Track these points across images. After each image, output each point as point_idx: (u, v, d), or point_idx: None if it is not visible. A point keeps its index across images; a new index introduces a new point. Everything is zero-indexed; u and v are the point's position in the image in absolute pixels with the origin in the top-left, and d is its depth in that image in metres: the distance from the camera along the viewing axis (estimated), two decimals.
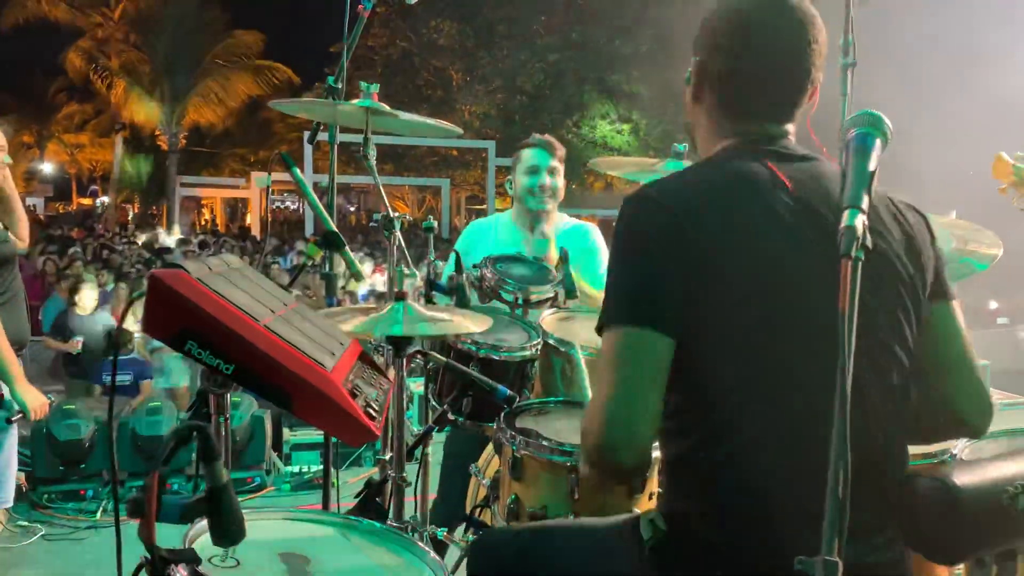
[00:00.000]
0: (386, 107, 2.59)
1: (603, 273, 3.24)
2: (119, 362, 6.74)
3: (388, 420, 2.27)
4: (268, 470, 5.76)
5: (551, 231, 3.34)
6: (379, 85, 2.62)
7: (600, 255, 3.34)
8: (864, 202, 1.16)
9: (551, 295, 2.88)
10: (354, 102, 2.58)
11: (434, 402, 2.63)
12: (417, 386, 5.38)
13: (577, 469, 1.97)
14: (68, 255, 12.31)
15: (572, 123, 19.95)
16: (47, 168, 33.82)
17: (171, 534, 1.28)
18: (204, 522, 1.24)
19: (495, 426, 2.21)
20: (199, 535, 1.38)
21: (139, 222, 28.80)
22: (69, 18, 25.33)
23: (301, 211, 26.95)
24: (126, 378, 6.83)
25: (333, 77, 2.71)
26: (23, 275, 3.63)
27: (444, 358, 2.45)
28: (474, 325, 2.24)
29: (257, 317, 1.32)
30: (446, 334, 2.45)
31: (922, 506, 1.38)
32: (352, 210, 35.16)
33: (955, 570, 1.92)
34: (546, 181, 3.28)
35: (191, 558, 1.18)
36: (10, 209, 3.44)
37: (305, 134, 3.14)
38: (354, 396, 1.38)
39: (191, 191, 29.87)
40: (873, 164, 1.21)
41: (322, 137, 2.99)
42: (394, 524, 2.08)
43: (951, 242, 2.34)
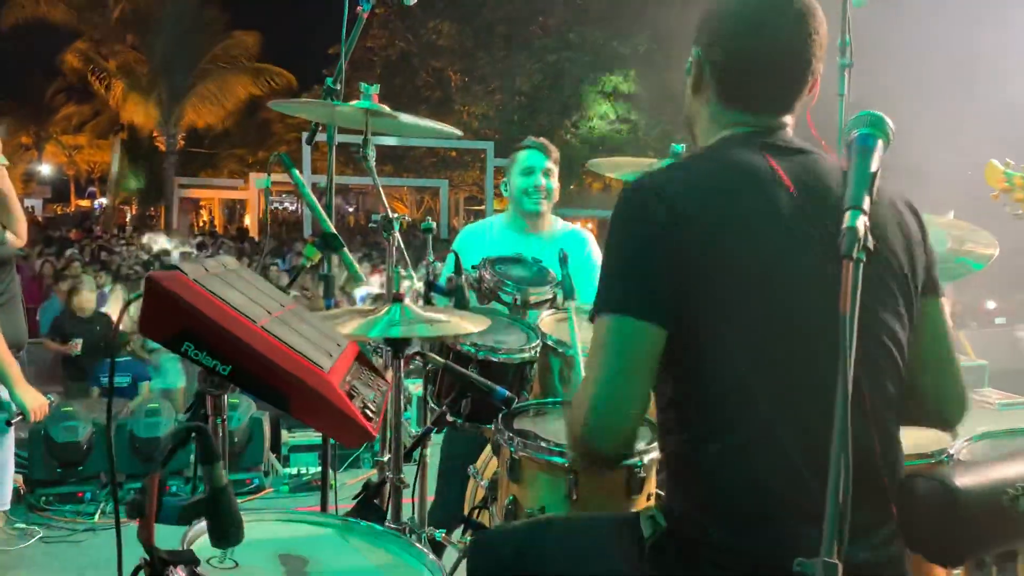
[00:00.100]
0: (386, 108, 2.59)
1: (593, 277, 3.26)
2: (118, 364, 6.72)
3: (386, 422, 2.27)
4: (266, 472, 5.75)
5: (548, 234, 3.36)
6: (379, 86, 2.62)
7: (596, 266, 3.35)
8: (866, 203, 1.16)
9: (550, 296, 2.89)
10: (354, 103, 2.58)
11: (432, 403, 2.62)
12: (416, 387, 5.38)
13: (576, 470, 1.97)
14: (65, 257, 12.30)
15: (570, 123, 19.95)
16: (45, 170, 33.77)
17: (170, 535, 1.27)
18: (203, 523, 1.24)
19: (493, 427, 2.21)
20: (198, 536, 1.38)
21: (137, 224, 28.78)
22: (67, 19, 25.29)
23: (300, 212, 26.94)
24: (124, 380, 6.80)
25: (332, 78, 2.71)
26: (20, 277, 3.63)
27: (443, 359, 2.45)
28: (472, 327, 2.24)
29: (254, 318, 1.32)
30: (444, 335, 2.44)
31: (922, 507, 1.38)
32: (351, 211, 35.14)
33: (954, 572, 1.92)
34: (541, 182, 3.30)
35: (190, 559, 1.18)
36: (8, 209, 3.44)
37: (304, 135, 3.13)
38: (351, 397, 1.38)
39: (189, 192, 29.87)
40: (875, 165, 1.22)
41: (321, 138, 2.99)
42: (392, 526, 2.08)
43: (947, 242, 2.35)
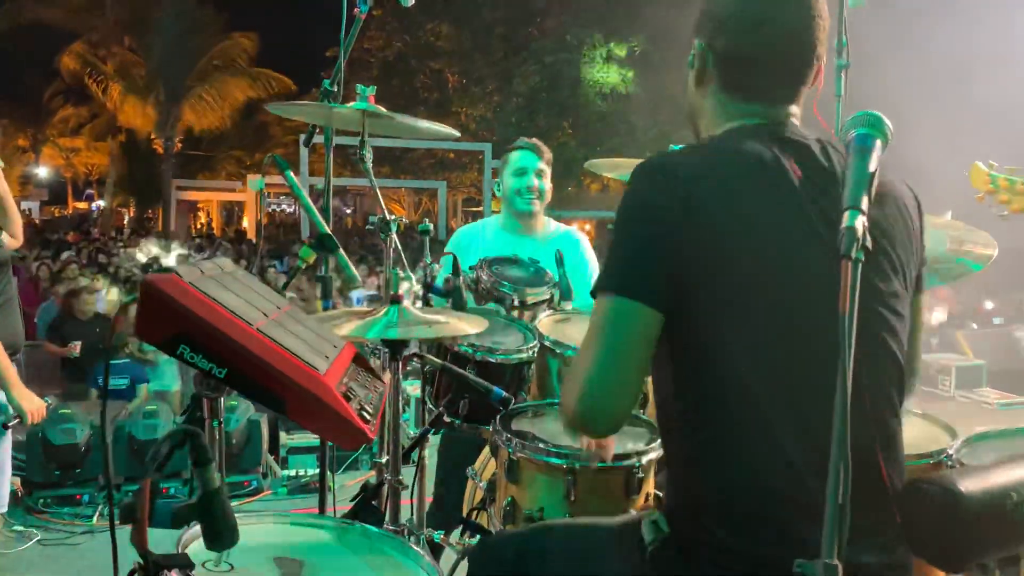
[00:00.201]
0: (382, 110, 2.58)
1: (589, 280, 3.27)
2: (116, 366, 6.70)
3: (384, 423, 2.27)
4: (265, 474, 5.74)
5: (542, 235, 3.36)
6: (375, 88, 2.61)
7: (590, 265, 3.37)
8: (864, 203, 1.15)
9: (547, 297, 2.88)
10: (350, 105, 2.57)
11: (431, 405, 2.62)
12: (414, 389, 5.37)
13: (574, 471, 1.97)
14: (61, 259, 12.28)
15: (568, 125, 19.94)
16: (42, 172, 33.72)
17: (167, 538, 1.27)
18: (198, 527, 1.23)
19: (491, 428, 2.20)
20: (193, 540, 1.37)
21: (135, 226, 28.75)
22: (64, 21, 25.26)
23: (297, 214, 26.92)
24: (122, 382, 6.77)
25: (329, 80, 2.70)
26: (17, 280, 3.62)
27: (440, 361, 2.44)
28: (470, 328, 2.23)
29: (250, 321, 1.31)
30: (442, 337, 2.44)
31: (926, 511, 1.37)
32: (348, 213, 35.12)
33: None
34: (533, 183, 3.32)
35: (184, 563, 1.18)
36: (3, 210, 3.43)
37: (301, 137, 3.12)
38: (348, 399, 1.37)
39: (187, 195, 29.83)
40: (873, 165, 1.21)
41: (318, 140, 2.98)
42: (390, 528, 2.08)
43: (946, 242, 2.34)
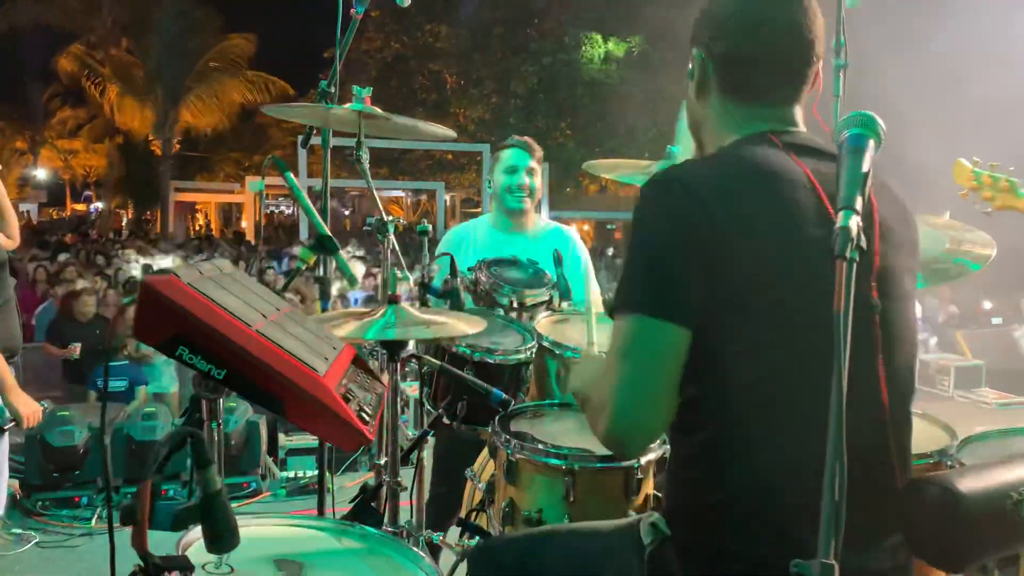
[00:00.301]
0: (379, 111, 2.58)
1: (583, 276, 3.29)
2: (114, 368, 6.70)
3: (383, 424, 2.27)
4: (264, 475, 5.74)
5: (532, 233, 3.38)
6: (372, 89, 2.61)
7: (582, 261, 3.39)
8: (858, 203, 1.16)
9: (546, 298, 2.88)
10: (347, 106, 2.57)
11: (429, 406, 2.62)
12: (412, 390, 5.36)
13: (573, 472, 1.97)
14: (58, 261, 12.27)
15: (566, 125, 19.95)
16: (40, 174, 33.71)
17: (166, 541, 1.27)
18: (198, 529, 1.23)
19: (490, 430, 2.20)
20: (193, 542, 1.37)
21: (133, 228, 28.71)
22: (62, 23, 25.26)
23: (296, 216, 26.91)
24: (121, 384, 6.76)
25: (326, 81, 2.70)
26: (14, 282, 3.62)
27: (438, 362, 2.44)
28: (468, 328, 2.23)
29: (249, 322, 1.31)
30: (440, 337, 2.44)
31: (926, 512, 1.37)
32: (347, 214, 35.09)
33: None
34: (524, 181, 3.33)
35: (184, 565, 1.18)
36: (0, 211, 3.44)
37: (300, 138, 3.12)
38: (347, 400, 1.37)
39: (185, 196, 29.80)
40: (867, 165, 1.20)
41: (316, 141, 2.98)
42: (389, 529, 2.08)
43: (945, 243, 2.34)
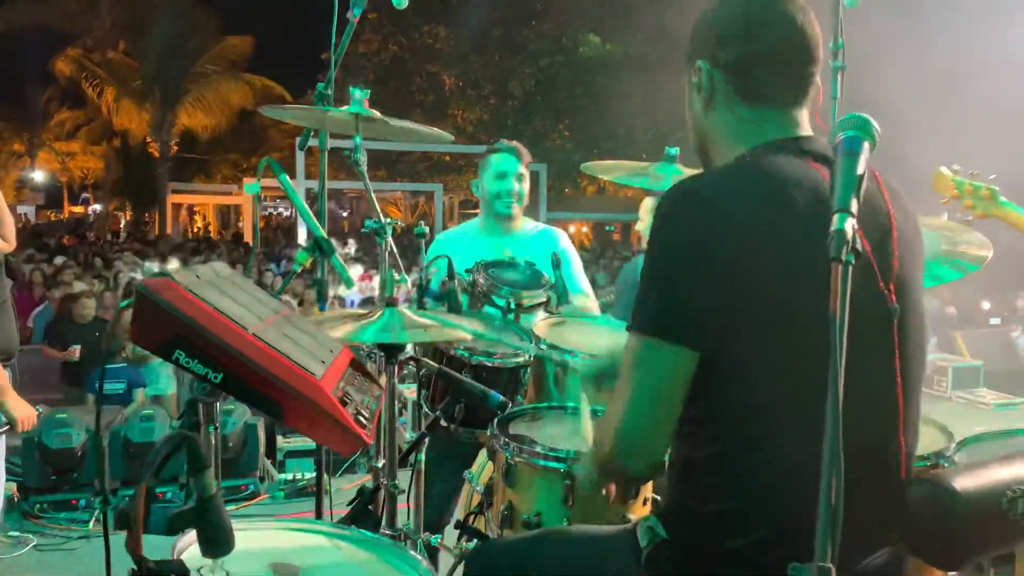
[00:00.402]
0: (376, 113, 2.58)
1: (576, 276, 3.30)
2: (112, 371, 6.69)
3: (381, 427, 2.26)
4: (262, 477, 5.73)
5: (520, 234, 3.42)
6: (370, 91, 2.61)
7: (572, 262, 3.39)
8: (853, 206, 1.15)
9: (543, 300, 2.88)
10: (344, 109, 2.57)
11: (427, 408, 2.62)
12: (411, 392, 5.36)
13: (571, 474, 1.96)
14: (54, 264, 12.27)
15: (564, 127, 19.94)
16: (38, 176, 33.70)
17: (163, 545, 1.26)
18: (193, 533, 1.23)
19: (488, 433, 2.20)
20: (189, 546, 1.37)
21: (131, 229, 28.71)
22: (60, 25, 25.24)
23: (294, 218, 26.89)
24: (119, 386, 6.76)
25: (323, 83, 2.70)
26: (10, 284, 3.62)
27: (436, 364, 2.44)
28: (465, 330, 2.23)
29: (246, 325, 1.31)
30: (436, 340, 2.44)
31: (922, 511, 1.37)
32: (345, 216, 35.06)
33: (950, 575, 1.91)
34: (514, 187, 3.34)
35: (179, 570, 1.17)
36: None
37: (298, 140, 3.13)
38: (344, 404, 1.37)
39: (183, 198, 29.79)
40: (862, 168, 1.19)
41: (314, 143, 2.98)
42: (387, 532, 2.07)
43: (941, 244, 2.34)
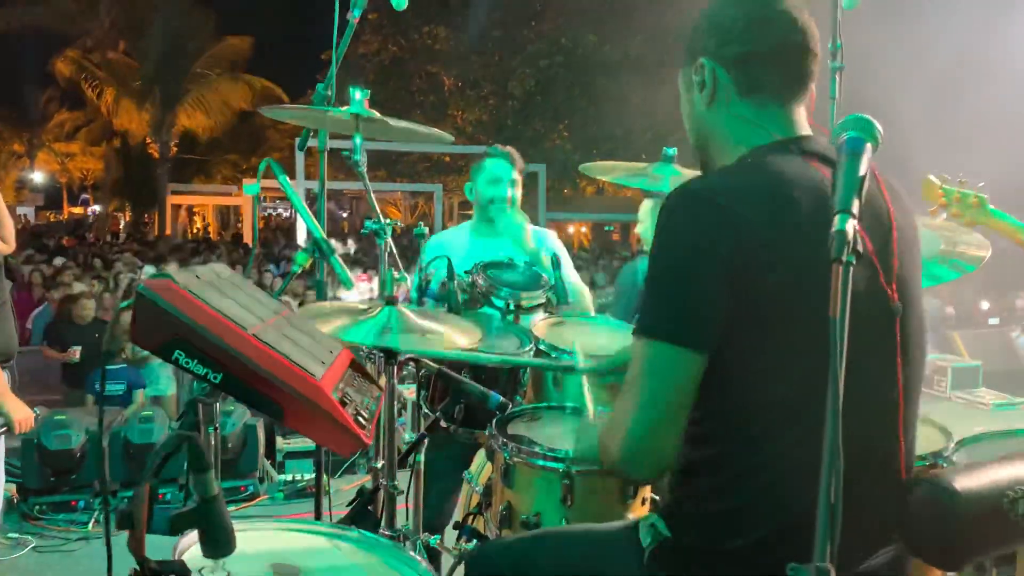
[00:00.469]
0: (376, 114, 2.58)
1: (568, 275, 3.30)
2: (113, 372, 6.69)
3: (380, 428, 2.27)
4: (261, 478, 5.74)
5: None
6: (370, 92, 2.61)
7: (562, 263, 3.38)
8: (855, 207, 1.15)
9: (542, 301, 2.88)
10: (344, 109, 2.57)
11: (426, 409, 2.62)
12: (410, 392, 5.36)
13: (570, 475, 1.97)
14: (53, 266, 12.27)
15: (563, 128, 19.95)
16: (37, 177, 33.68)
17: (165, 545, 1.26)
18: (195, 533, 1.23)
19: (487, 433, 2.20)
20: (190, 546, 1.37)
21: (131, 230, 28.70)
22: (59, 26, 25.23)
23: (294, 218, 26.90)
24: (119, 387, 6.75)
25: (323, 84, 2.70)
26: (9, 285, 3.62)
27: (435, 365, 2.44)
28: (463, 333, 2.23)
29: (245, 326, 1.31)
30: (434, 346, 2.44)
31: (922, 511, 1.36)
32: (344, 216, 35.05)
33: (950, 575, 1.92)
34: (507, 193, 3.37)
35: (181, 570, 1.17)
36: None
37: (297, 141, 3.13)
38: (344, 404, 1.37)
39: (183, 199, 29.77)
40: (864, 169, 1.19)
41: (313, 144, 2.98)
42: (386, 533, 2.07)
43: (940, 244, 2.35)
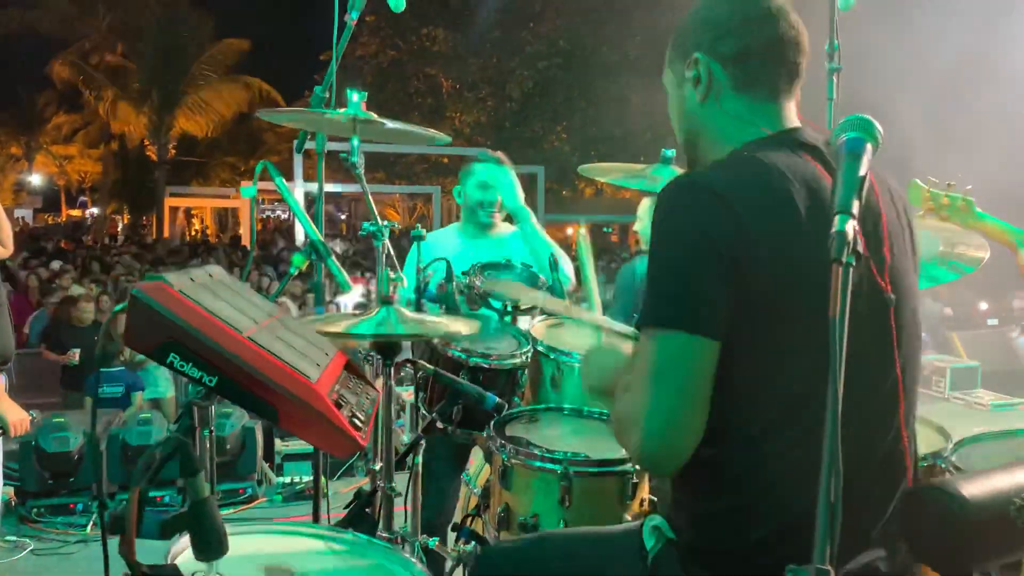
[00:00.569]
0: (374, 116, 2.57)
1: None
2: (111, 374, 6.69)
3: (378, 429, 2.26)
4: (259, 481, 5.71)
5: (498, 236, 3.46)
6: (367, 94, 2.60)
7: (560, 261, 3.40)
8: (855, 207, 1.14)
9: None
10: (341, 111, 2.56)
11: (424, 410, 2.61)
12: (408, 394, 5.36)
13: (568, 476, 1.96)
14: (50, 269, 12.25)
15: (561, 129, 19.94)
16: (35, 180, 33.64)
17: (160, 549, 1.26)
18: (187, 537, 1.22)
19: (486, 435, 2.19)
20: (183, 550, 1.36)
21: (129, 233, 28.67)
22: (57, 29, 25.22)
23: (291, 221, 26.86)
24: (117, 390, 6.74)
25: (320, 86, 2.69)
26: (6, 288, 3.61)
27: (432, 367, 2.43)
28: (462, 331, 2.22)
29: (240, 328, 1.30)
30: (430, 335, 2.44)
31: (929, 518, 1.36)
32: (343, 218, 35.02)
33: None
34: (496, 198, 3.39)
35: (173, 574, 1.16)
36: None
37: (295, 143, 3.12)
38: (339, 406, 1.36)
39: (181, 201, 29.76)
40: (864, 169, 1.19)
41: (311, 146, 2.97)
42: (383, 535, 2.07)
43: (939, 245, 2.34)
